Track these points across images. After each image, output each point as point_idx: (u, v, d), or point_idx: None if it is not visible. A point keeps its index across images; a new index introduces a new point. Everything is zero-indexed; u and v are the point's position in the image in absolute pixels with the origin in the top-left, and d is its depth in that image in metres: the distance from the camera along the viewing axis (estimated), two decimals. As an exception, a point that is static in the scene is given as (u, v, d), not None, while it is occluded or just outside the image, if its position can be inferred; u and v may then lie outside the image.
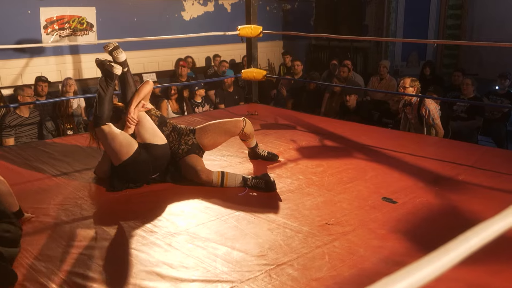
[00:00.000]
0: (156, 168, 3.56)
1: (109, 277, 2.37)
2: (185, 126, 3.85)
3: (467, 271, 2.28)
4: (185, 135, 3.73)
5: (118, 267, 2.48)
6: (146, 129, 3.54)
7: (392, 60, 10.43)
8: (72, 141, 4.80)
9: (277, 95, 8.85)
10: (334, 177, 3.74)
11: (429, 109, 5.38)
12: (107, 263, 2.51)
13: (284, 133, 4.97)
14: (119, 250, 2.65)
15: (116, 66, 3.56)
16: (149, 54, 9.13)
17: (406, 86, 5.52)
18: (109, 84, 3.54)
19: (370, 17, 10.75)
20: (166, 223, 2.99)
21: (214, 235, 2.81)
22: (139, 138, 3.52)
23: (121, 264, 2.50)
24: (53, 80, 7.85)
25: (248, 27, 6.14)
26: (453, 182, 3.63)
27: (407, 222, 2.97)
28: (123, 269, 2.45)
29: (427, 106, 5.40)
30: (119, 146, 3.40)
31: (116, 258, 2.58)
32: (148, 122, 3.58)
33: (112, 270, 2.44)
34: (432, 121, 5.41)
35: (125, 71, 3.69)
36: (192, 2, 9.78)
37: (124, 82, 3.73)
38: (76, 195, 3.44)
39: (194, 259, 2.53)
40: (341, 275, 2.36)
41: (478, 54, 10.05)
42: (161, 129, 3.67)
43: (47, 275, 2.39)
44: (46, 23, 8.08)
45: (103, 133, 3.45)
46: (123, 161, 3.40)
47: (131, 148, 3.42)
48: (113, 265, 2.49)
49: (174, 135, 3.72)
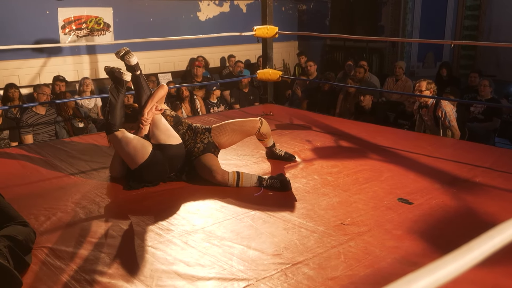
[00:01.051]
0: (172, 167, 3.58)
1: (127, 275, 2.40)
2: (201, 125, 3.87)
3: (484, 273, 2.27)
4: (201, 134, 3.75)
5: (135, 264, 2.50)
6: (160, 130, 3.57)
7: (408, 61, 10.38)
8: (90, 140, 4.85)
9: (292, 95, 8.86)
10: (350, 177, 3.74)
11: (445, 111, 5.35)
12: (124, 260, 2.54)
13: (299, 134, 4.98)
14: (136, 248, 2.68)
15: (126, 72, 3.60)
16: (164, 54, 9.20)
17: (423, 89, 5.49)
18: (120, 91, 3.58)
19: (386, 18, 10.71)
20: (183, 222, 3.01)
21: (230, 234, 2.83)
22: (153, 139, 3.55)
23: (139, 262, 2.53)
24: (70, 80, 7.95)
25: (264, 28, 6.15)
26: (470, 184, 3.61)
27: (423, 223, 2.96)
28: (140, 267, 2.48)
29: (443, 108, 5.36)
30: (133, 150, 3.44)
31: (133, 255, 2.60)
32: (162, 124, 3.61)
33: (129, 268, 2.47)
34: (448, 123, 5.37)
35: (138, 75, 3.73)
36: (208, 2, 9.83)
37: (138, 86, 3.77)
38: (93, 193, 3.48)
39: (210, 258, 2.55)
40: (357, 274, 2.37)
41: (495, 55, 9.95)
42: (176, 128, 3.70)
43: (66, 271, 2.43)
44: (64, 23, 8.18)
45: (117, 139, 3.49)
46: (139, 164, 3.44)
47: (146, 151, 3.45)
48: (131, 263, 2.52)
49: (189, 134, 3.75)
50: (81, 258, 2.56)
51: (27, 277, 2.39)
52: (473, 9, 10.39)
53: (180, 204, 3.28)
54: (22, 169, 4.02)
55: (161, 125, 3.60)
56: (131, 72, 3.66)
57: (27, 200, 3.33)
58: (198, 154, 3.66)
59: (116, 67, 3.66)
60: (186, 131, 3.76)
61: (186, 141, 3.70)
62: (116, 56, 3.69)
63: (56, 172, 3.93)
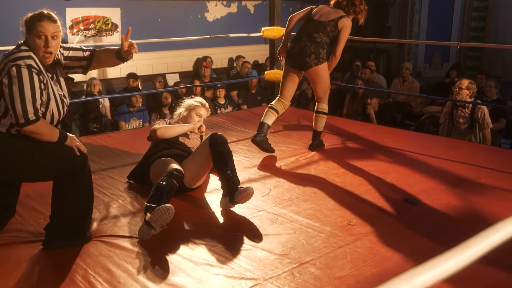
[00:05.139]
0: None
1: (134, 274, 2.44)
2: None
3: (484, 270, 2.31)
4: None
5: (144, 264, 2.54)
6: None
7: (415, 62, 10.38)
8: (98, 140, 4.89)
9: (300, 96, 8.86)
10: (356, 178, 3.77)
11: (485, 113, 5.29)
12: (132, 259, 2.58)
13: (307, 134, 4.99)
14: (144, 248, 2.71)
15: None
16: (172, 55, 9.24)
17: (463, 87, 5.37)
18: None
19: (393, 19, 10.71)
20: (190, 221, 3.05)
21: (238, 234, 2.86)
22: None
23: (147, 261, 2.56)
24: (78, 80, 8.00)
25: (271, 29, 6.19)
26: (475, 185, 3.63)
27: (429, 223, 2.99)
28: (148, 266, 2.51)
29: (483, 109, 5.29)
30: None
31: (141, 255, 2.64)
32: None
33: (138, 267, 2.50)
34: (486, 125, 5.31)
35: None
36: (216, 3, 9.87)
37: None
38: (102, 193, 3.52)
39: (218, 257, 2.58)
40: (363, 274, 2.40)
41: (502, 57, 9.94)
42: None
43: (75, 270, 2.47)
44: (72, 24, 8.23)
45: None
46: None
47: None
48: (139, 262, 2.55)
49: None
50: (90, 257, 2.60)
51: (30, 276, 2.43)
52: (479, 11, 10.39)
53: (187, 204, 3.32)
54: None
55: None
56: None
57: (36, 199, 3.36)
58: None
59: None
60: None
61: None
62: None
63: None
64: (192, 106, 3.83)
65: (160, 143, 3.63)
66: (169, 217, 2.73)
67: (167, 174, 3.03)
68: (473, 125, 5.40)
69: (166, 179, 2.98)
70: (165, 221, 2.72)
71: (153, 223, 2.71)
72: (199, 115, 3.81)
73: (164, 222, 2.73)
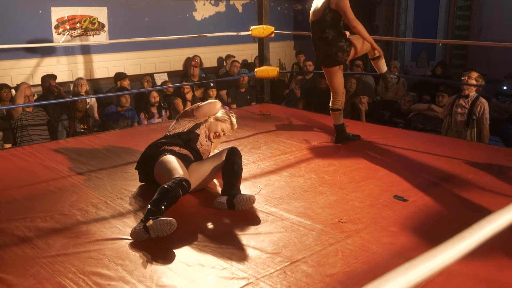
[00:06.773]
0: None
1: (126, 276, 2.41)
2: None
3: (477, 266, 2.33)
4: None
5: (134, 265, 2.51)
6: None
7: (402, 60, 10.45)
8: (85, 141, 4.85)
9: (290, 95, 8.87)
10: (346, 176, 3.78)
11: (484, 108, 5.31)
12: (123, 261, 2.55)
13: (297, 133, 5.01)
14: (134, 249, 2.68)
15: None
16: (160, 54, 9.19)
17: (472, 77, 5.40)
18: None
19: (380, 18, 10.77)
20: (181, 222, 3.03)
21: (229, 234, 2.85)
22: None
23: (137, 263, 2.54)
24: (64, 80, 7.93)
25: (260, 28, 6.18)
26: (463, 181, 3.66)
27: (418, 220, 3.01)
28: (139, 268, 2.49)
29: (483, 104, 5.31)
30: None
31: (132, 256, 2.61)
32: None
33: (128, 269, 2.48)
34: (485, 121, 5.33)
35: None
36: (204, 2, 9.84)
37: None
38: (91, 194, 3.48)
39: (210, 257, 2.57)
40: (355, 271, 2.40)
41: (486, 55, 10.07)
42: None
43: (64, 273, 2.43)
44: (58, 23, 8.15)
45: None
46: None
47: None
48: (129, 264, 2.53)
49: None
50: (79, 260, 2.57)
51: (24, 280, 2.39)
52: (464, 10, 10.53)
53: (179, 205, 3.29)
54: (17, 171, 4.01)
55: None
56: None
57: (24, 202, 3.33)
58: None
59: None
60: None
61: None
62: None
63: (52, 174, 3.92)
64: (223, 119, 3.79)
65: (177, 139, 3.60)
66: (169, 232, 2.75)
67: (177, 182, 3.02)
68: (469, 122, 5.44)
69: (174, 186, 2.97)
70: (163, 233, 2.74)
71: (152, 230, 2.72)
72: (222, 131, 3.79)
73: (162, 235, 2.74)
